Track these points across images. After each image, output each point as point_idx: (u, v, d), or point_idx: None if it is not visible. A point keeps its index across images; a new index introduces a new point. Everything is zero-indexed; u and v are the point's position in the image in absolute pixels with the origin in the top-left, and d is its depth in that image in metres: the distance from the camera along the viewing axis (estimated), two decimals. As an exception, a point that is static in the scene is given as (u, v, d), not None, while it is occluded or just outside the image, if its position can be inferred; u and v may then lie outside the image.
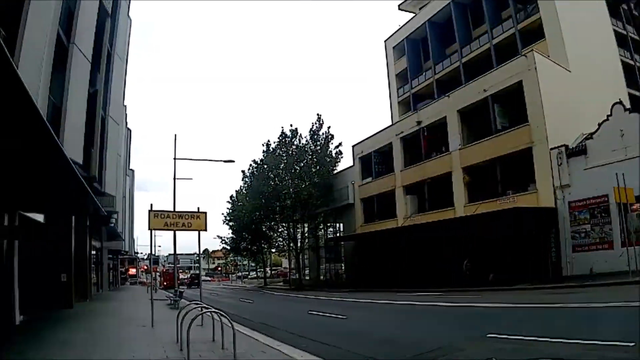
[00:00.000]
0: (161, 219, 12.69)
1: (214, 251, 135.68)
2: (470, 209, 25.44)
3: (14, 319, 13.11)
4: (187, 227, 12.89)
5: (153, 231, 12.99)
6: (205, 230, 13.33)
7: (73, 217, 20.08)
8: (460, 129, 27.67)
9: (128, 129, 49.02)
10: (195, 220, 13.01)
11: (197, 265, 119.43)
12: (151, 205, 12.96)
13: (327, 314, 15.47)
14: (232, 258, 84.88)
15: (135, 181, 68.26)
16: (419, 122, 30.56)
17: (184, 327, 9.25)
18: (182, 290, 20.98)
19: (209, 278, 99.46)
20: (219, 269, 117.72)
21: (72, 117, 15.99)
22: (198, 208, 13.39)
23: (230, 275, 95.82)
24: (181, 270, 55.68)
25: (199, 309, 9.78)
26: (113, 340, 10.49)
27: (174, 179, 27.51)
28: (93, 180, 19.96)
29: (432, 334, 10.27)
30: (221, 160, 30.57)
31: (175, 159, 27.96)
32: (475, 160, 26.34)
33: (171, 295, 20.71)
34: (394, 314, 15.64)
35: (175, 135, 30.49)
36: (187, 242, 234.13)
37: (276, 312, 19.10)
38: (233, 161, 30.77)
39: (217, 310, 8.65)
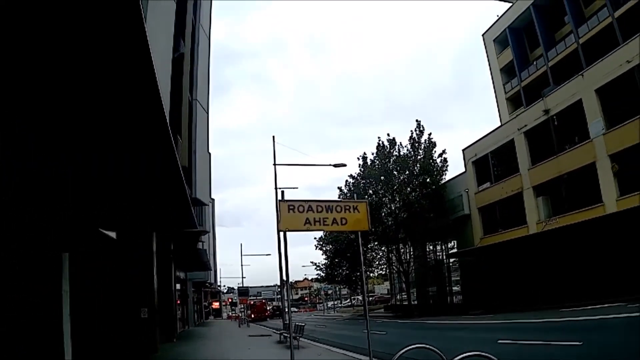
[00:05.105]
0: (299, 214, 8.52)
1: (297, 281, 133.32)
2: (624, 202, 20.90)
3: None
4: (341, 225, 8.95)
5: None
6: (367, 229, 9.48)
7: (154, 236, 16.45)
8: (601, 110, 22.98)
9: (207, 152, 47.00)
10: (352, 215, 8.98)
11: (278, 297, 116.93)
12: (282, 193, 9.58)
13: (528, 342, 11.37)
14: (323, 287, 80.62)
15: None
16: (546, 111, 26.32)
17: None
18: (302, 324, 16.98)
19: (294, 309, 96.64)
20: (305, 299, 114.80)
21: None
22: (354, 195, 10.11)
23: (317, 305, 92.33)
24: (263, 301, 53.74)
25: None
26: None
27: (275, 188, 23.90)
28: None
29: None
30: (330, 165, 27.03)
31: (275, 164, 24.80)
32: (625, 145, 21.42)
33: (277, 329, 16.93)
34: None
35: (274, 137, 25.80)
36: (264, 273, 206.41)
37: (449, 346, 9.79)
38: (344, 165, 26.97)
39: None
